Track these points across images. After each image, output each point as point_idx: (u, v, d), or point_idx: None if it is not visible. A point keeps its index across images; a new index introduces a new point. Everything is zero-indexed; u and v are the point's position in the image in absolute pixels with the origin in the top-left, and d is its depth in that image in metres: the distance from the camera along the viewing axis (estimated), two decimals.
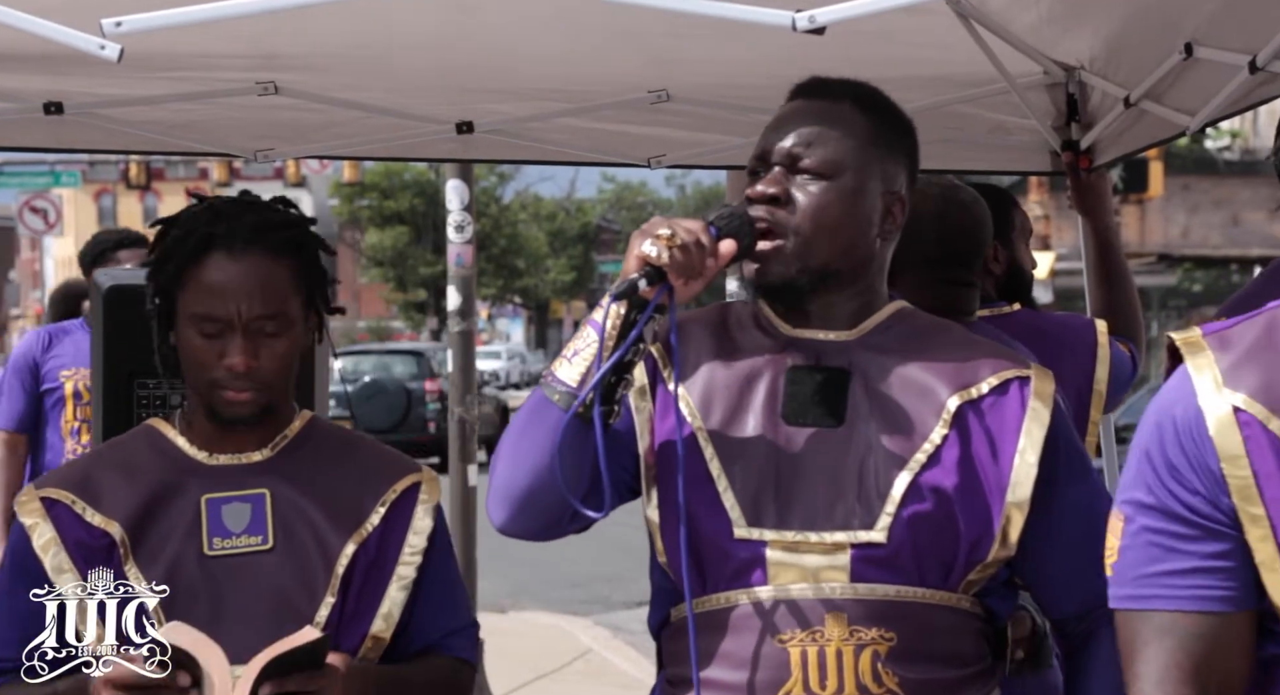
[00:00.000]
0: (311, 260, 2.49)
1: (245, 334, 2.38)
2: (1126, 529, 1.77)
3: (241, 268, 2.39)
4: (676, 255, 2.14)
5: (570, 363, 2.20)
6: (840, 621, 2.18)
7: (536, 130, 4.23)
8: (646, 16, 2.58)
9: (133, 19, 2.13)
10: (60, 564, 2.38)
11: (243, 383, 2.40)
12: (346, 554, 2.43)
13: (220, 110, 3.96)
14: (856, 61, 3.57)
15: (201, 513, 2.42)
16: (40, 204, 29.44)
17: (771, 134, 2.31)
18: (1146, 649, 1.74)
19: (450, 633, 2.56)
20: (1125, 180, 23.13)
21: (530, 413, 2.22)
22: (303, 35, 3.35)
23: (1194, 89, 3.60)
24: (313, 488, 2.47)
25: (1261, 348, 1.72)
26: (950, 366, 2.29)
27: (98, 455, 2.57)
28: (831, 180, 2.27)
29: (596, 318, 2.20)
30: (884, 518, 2.20)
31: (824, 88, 2.36)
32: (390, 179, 48.94)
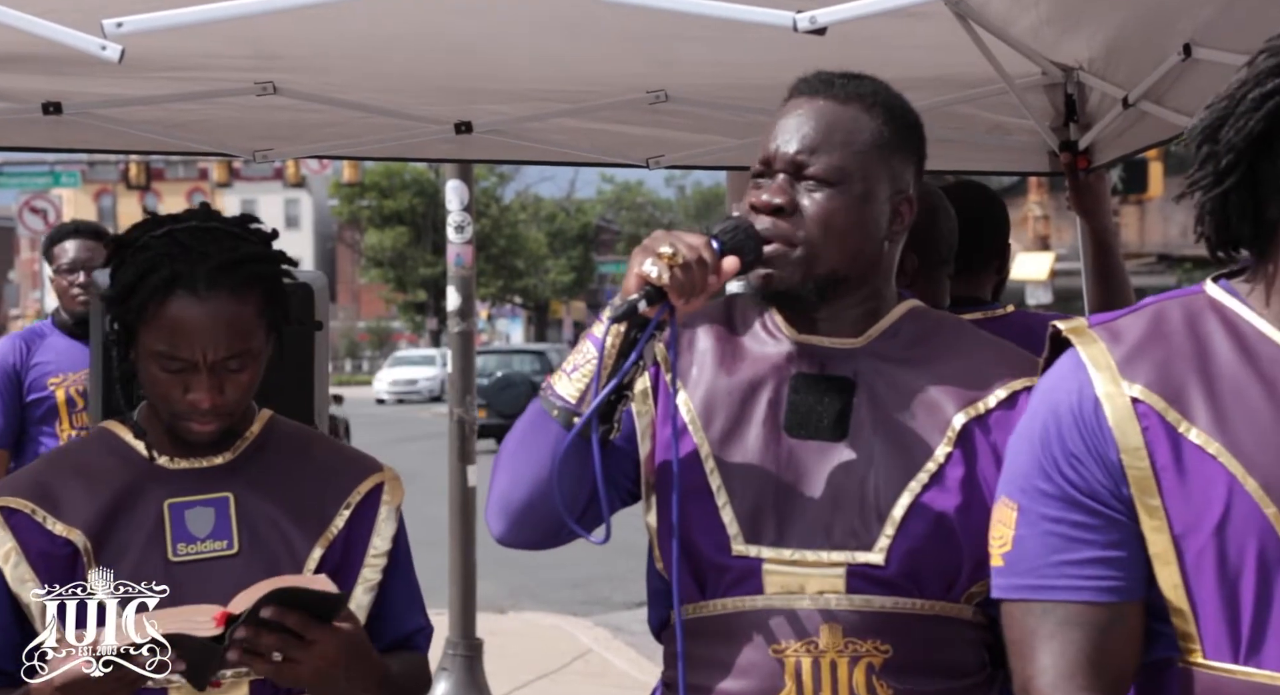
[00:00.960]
0: (275, 289, 2.43)
1: (210, 373, 2.34)
2: (1021, 518, 1.75)
3: (206, 310, 2.32)
4: (678, 275, 2.10)
5: (570, 378, 2.18)
6: (835, 633, 2.17)
7: (536, 130, 4.23)
8: (646, 17, 2.58)
9: (133, 19, 2.13)
10: (22, 574, 2.34)
11: (207, 417, 2.37)
12: (314, 558, 2.41)
13: (220, 110, 3.96)
14: (856, 62, 3.56)
15: (165, 518, 2.38)
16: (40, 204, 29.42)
17: (775, 137, 2.24)
18: (1049, 642, 1.72)
19: (414, 631, 2.55)
20: (1125, 180, 23.13)
21: (529, 426, 2.20)
22: (302, 36, 3.35)
23: (1193, 90, 3.60)
24: (276, 490, 2.44)
25: (1152, 340, 1.72)
26: (959, 376, 2.25)
27: (52, 461, 2.49)
28: (838, 187, 2.21)
29: (596, 333, 2.16)
30: (883, 539, 2.17)
31: (829, 86, 2.26)
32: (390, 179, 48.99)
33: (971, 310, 3.61)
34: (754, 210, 2.22)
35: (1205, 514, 1.66)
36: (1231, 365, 1.70)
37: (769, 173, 2.23)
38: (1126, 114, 3.86)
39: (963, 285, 3.67)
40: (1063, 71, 3.96)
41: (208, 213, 2.46)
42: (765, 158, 2.24)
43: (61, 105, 3.80)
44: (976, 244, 3.68)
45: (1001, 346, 2.35)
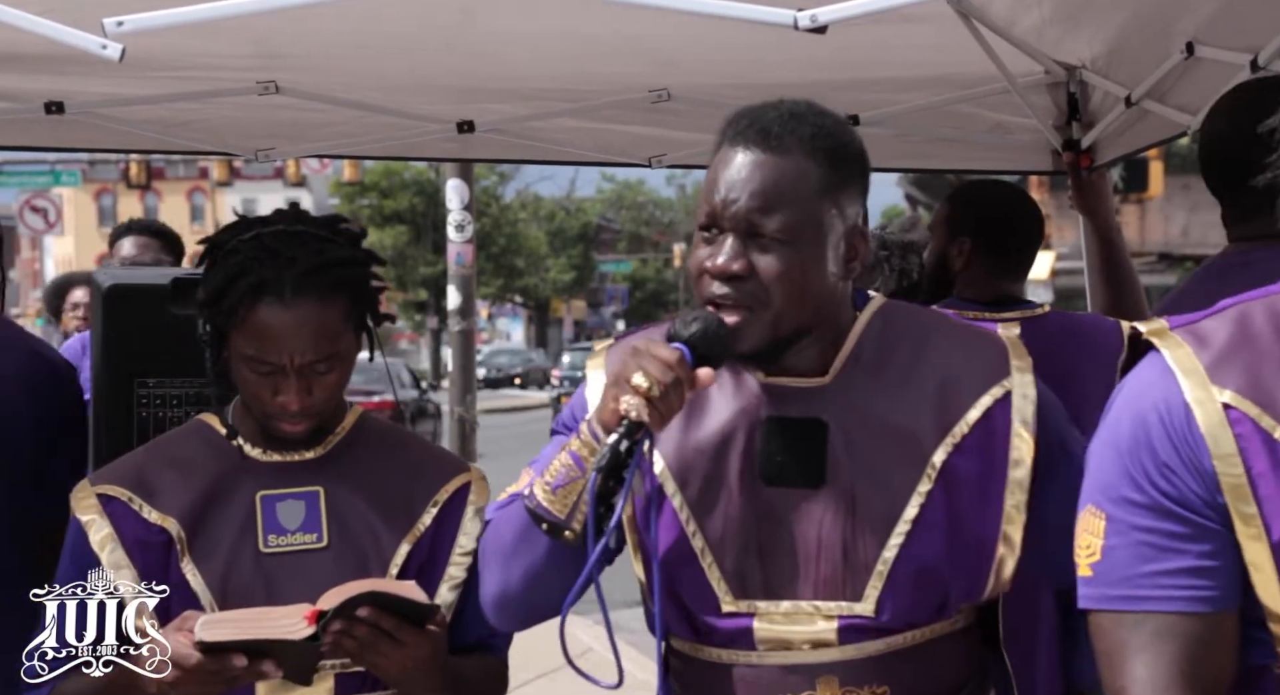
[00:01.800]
0: (363, 291, 2.46)
1: (298, 376, 2.38)
2: (1110, 528, 1.72)
3: (293, 316, 2.35)
4: (657, 407, 2.06)
5: (554, 494, 2.16)
6: (831, 685, 2.16)
7: (537, 130, 4.23)
8: (648, 16, 2.58)
9: (134, 19, 2.12)
10: (118, 560, 2.39)
11: (297, 418, 2.41)
12: (401, 553, 2.44)
13: (220, 109, 3.96)
14: (857, 61, 3.59)
15: (256, 510, 2.43)
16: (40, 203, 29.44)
17: (720, 192, 2.14)
18: (1142, 653, 1.69)
19: (492, 634, 2.56)
20: (1125, 180, 23.13)
21: (519, 537, 2.20)
22: (303, 35, 3.35)
23: (1195, 88, 3.60)
24: (365, 486, 2.47)
25: (1239, 343, 1.69)
26: (931, 396, 2.19)
27: (150, 451, 2.55)
28: (794, 244, 2.13)
29: (576, 450, 2.14)
30: (871, 590, 2.16)
31: (767, 134, 2.15)
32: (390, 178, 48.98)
33: (1011, 309, 3.62)
34: (706, 274, 2.15)
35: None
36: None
37: (717, 226, 2.15)
38: (1129, 113, 3.86)
39: (1008, 284, 3.68)
40: (1065, 70, 3.96)
41: (296, 215, 2.49)
42: (712, 212, 2.15)
43: (64, 104, 3.80)
44: (1015, 243, 3.69)
45: (969, 342, 2.28)
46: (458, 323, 8.83)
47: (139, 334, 3.58)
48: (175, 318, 3.59)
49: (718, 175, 2.16)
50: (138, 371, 3.58)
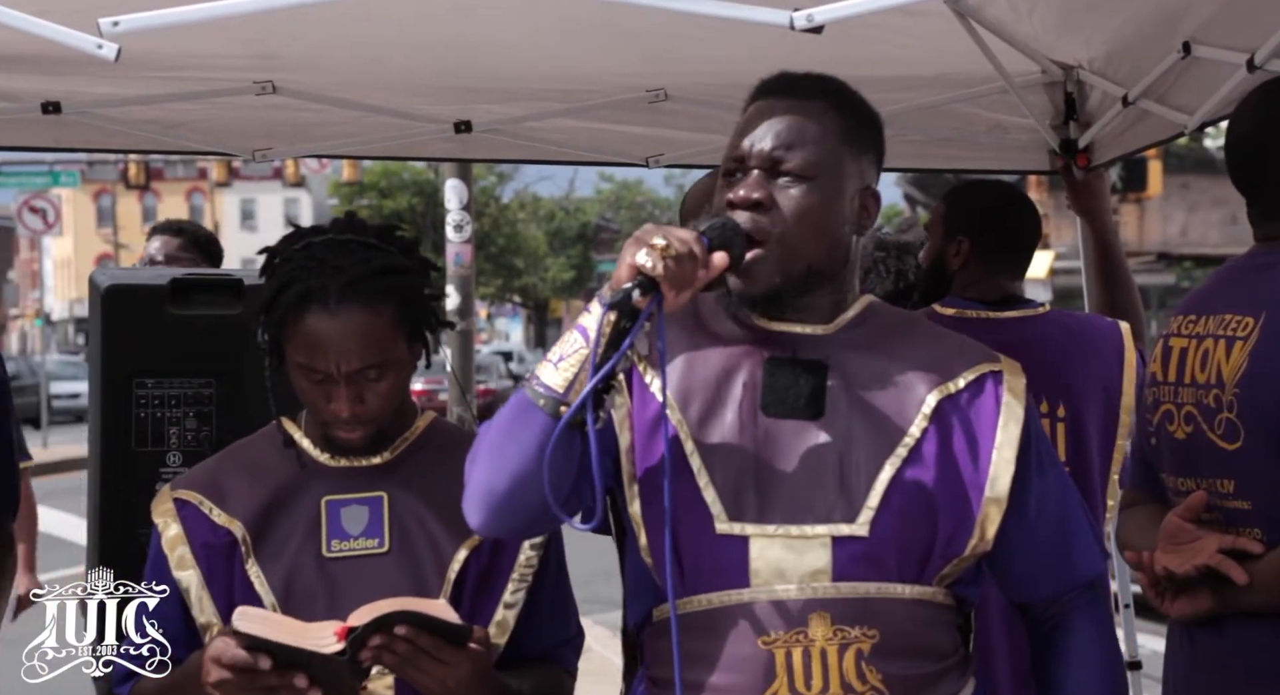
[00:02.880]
0: (413, 298, 2.47)
1: (348, 383, 2.40)
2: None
3: (338, 323, 2.38)
4: (670, 266, 2.11)
5: (556, 368, 2.16)
6: (824, 621, 2.18)
7: (535, 130, 4.23)
8: (645, 16, 2.58)
9: (130, 19, 2.12)
10: (183, 559, 2.44)
11: (351, 425, 2.43)
12: (459, 560, 2.45)
13: (218, 110, 3.96)
14: (854, 61, 3.57)
15: (321, 514, 2.46)
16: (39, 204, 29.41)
17: (747, 135, 2.28)
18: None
19: (560, 643, 2.57)
20: (1124, 179, 23.15)
21: (514, 416, 2.18)
22: (300, 35, 3.35)
23: (1192, 88, 3.61)
24: (430, 492, 2.48)
25: None
26: (926, 361, 2.31)
27: (227, 456, 2.60)
28: (812, 182, 2.26)
29: (585, 323, 2.17)
30: (866, 511, 2.20)
31: (795, 85, 2.32)
32: (389, 179, 48.96)
33: (1014, 308, 3.62)
34: (731, 206, 2.24)
35: None
36: None
37: (742, 169, 2.27)
38: (1127, 112, 3.86)
39: (1010, 283, 3.68)
40: (1062, 70, 3.96)
41: (349, 224, 2.51)
42: (738, 155, 2.27)
43: (60, 105, 3.80)
44: (1013, 242, 3.69)
45: (957, 338, 2.41)
46: (457, 323, 8.83)
47: (138, 334, 3.59)
48: (175, 318, 3.59)
49: (745, 124, 2.30)
50: (137, 372, 3.58)
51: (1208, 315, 2.76)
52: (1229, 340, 2.67)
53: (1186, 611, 2.67)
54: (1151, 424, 2.83)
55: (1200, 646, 2.71)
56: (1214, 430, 2.66)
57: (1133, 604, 4.39)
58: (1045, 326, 3.58)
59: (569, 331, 2.19)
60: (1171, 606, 2.69)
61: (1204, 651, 2.70)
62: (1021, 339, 3.48)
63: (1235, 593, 2.57)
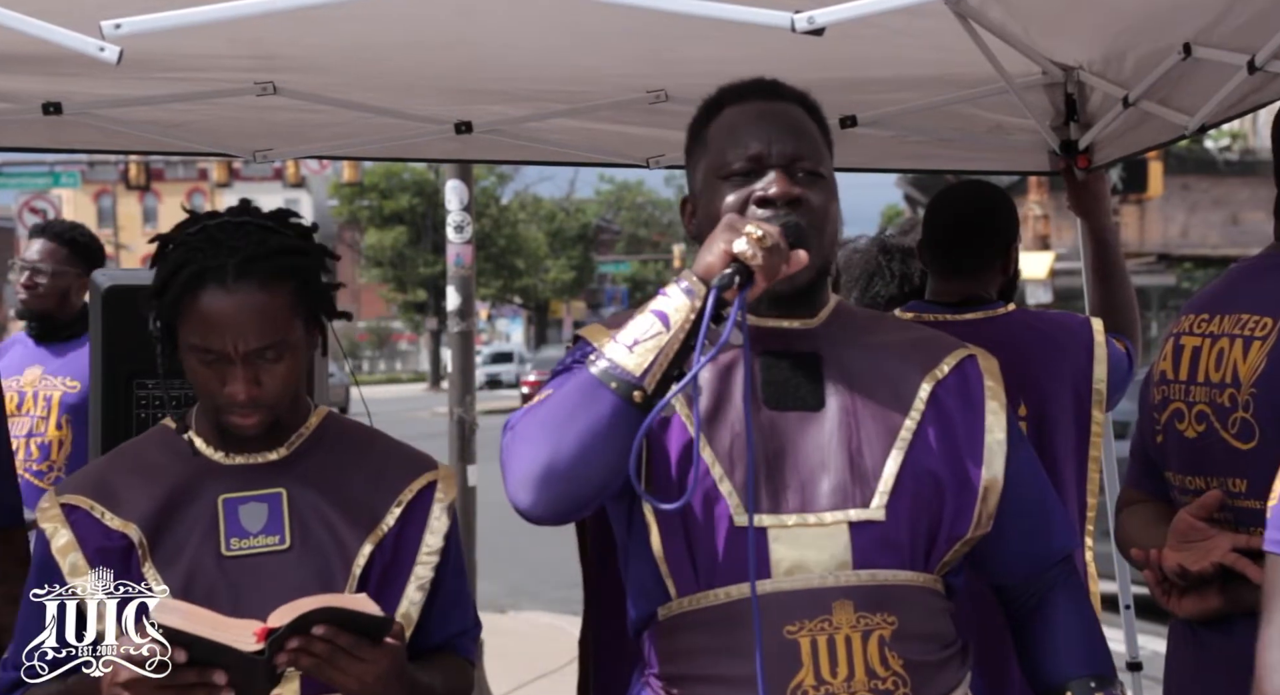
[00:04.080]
0: (310, 280, 2.45)
1: (244, 364, 2.37)
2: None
3: (235, 301, 2.35)
4: (766, 257, 2.13)
5: (631, 351, 2.12)
6: (847, 608, 2.19)
7: (536, 130, 4.23)
8: (645, 17, 2.58)
9: (132, 21, 2.12)
10: (77, 566, 2.38)
11: (247, 409, 2.40)
12: (364, 554, 2.43)
13: (219, 110, 3.96)
14: (855, 61, 3.59)
15: (219, 513, 2.42)
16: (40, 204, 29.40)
17: (758, 136, 2.30)
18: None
19: (460, 633, 2.57)
20: (1125, 180, 23.13)
21: (580, 396, 2.13)
22: (301, 36, 3.35)
23: (1193, 89, 3.60)
24: (329, 487, 2.46)
25: None
26: (908, 348, 2.36)
27: (114, 458, 2.55)
28: (825, 181, 2.31)
29: (664, 308, 2.13)
30: (880, 496, 2.22)
31: (778, 90, 2.38)
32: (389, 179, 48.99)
33: (974, 309, 3.62)
34: (765, 204, 2.26)
35: None
36: None
37: (758, 170, 2.28)
38: (1128, 114, 3.86)
39: (966, 284, 3.68)
40: (1063, 71, 3.96)
41: (244, 208, 2.49)
42: (754, 154, 2.29)
43: (61, 105, 3.80)
44: (980, 243, 3.69)
45: (924, 329, 2.48)
46: (457, 324, 8.81)
47: (139, 335, 3.59)
48: None
49: (745, 125, 2.32)
50: (137, 372, 3.59)
51: (1223, 314, 2.75)
52: (1246, 340, 2.66)
53: (1194, 610, 2.67)
54: (1159, 422, 2.83)
55: (1207, 646, 2.71)
56: (1228, 429, 2.66)
57: (1133, 605, 4.39)
58: (1006, 326, 3.58)
59: (642, 313, 2.15)
60: (1179, 605, 2.69)
61: (1211, 651, 2.70)
62: (978, 340, 3.50)
63: (1246, 591, 2.57)
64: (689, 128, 2.46)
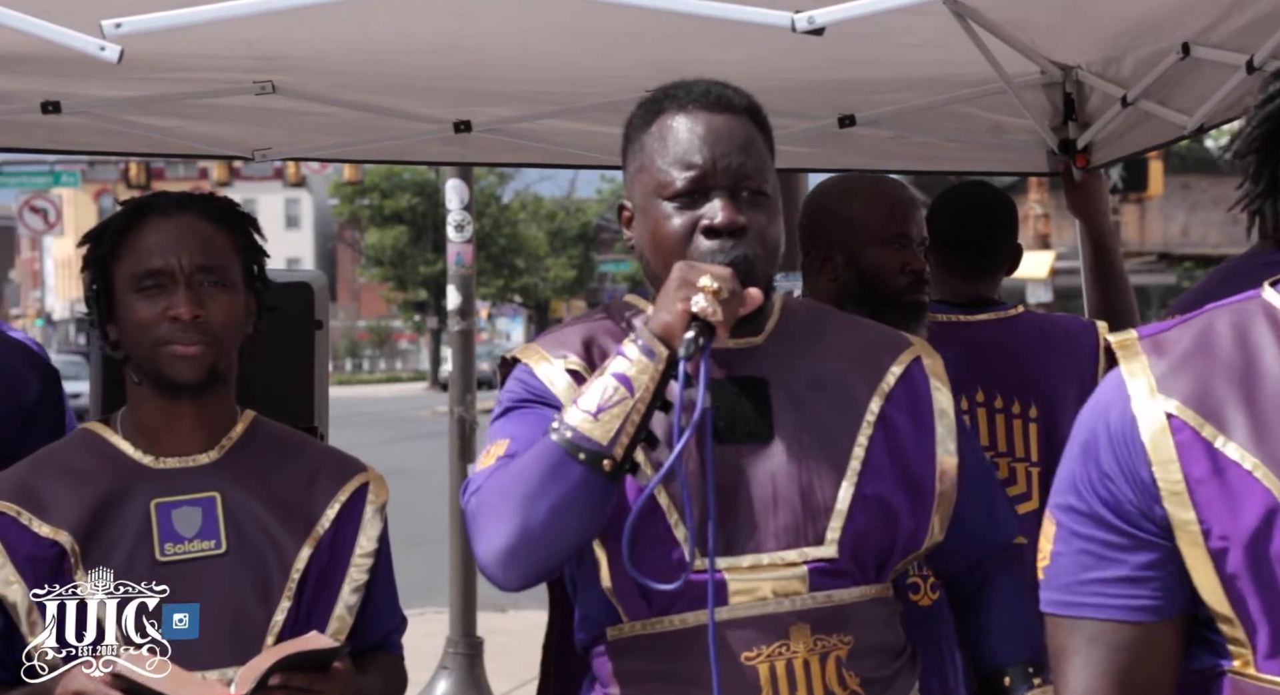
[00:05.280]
0: (247, 235, 2.48)
1: (189, 285, 2.37)
2: (1059, 533, 1.75)
3: (177, 224, 2.40)
4: (725, 309, 2.08)
5: (595, 419, 2.07)
6: (803, 632, 2.18)
7: (534, 131, 4.23)
8: (645, 18, 2.58)
9: (132, 20, 2.13)
10: (7, 577, 2.32)
11: (191, 334, 2.36)
12: (302, 558, 2.41)
13: (218, 110, 3.96)
14: (854, 62, 3.59)
15: (152, 518, 2.37)
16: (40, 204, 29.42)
17: (697, 151, 2.20)
18: (1075, 657, 1.73)
19: (391, 631, 2.57)
20: (1125, 179, 23.14)
21: (547, 469, 2.08)
22: (300, 36, 3.35)
23: (1192, 89, 3.61)
24: (262, 489, 2.43)
25: (1194, 354, 1.70)
26: (854, 356, 2.31)
27: (37, 462, 2.45)
28: (770, 199, 2.23)
29: (625, 372, 2.09)
30: (832, 532, 2.20)
31: (726, 99, 2.25)
32: (390, 179, 48.96)
33: (984, 310, 3.62)
34: (711, 234, 2.18)
35: (1242, 528, 1.63)
36: (1278, 376, 1.67)
37: (700, 191, 2.20)
38: (1127, 114, 3.86)
39: (976, 285, 3.68)
40: (1061, 70, 3.96)
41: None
42: (699, 175, 2.19)
43: (60, 104, 3.80)
44: (988, 244, 3.69)
45: (866, 324, 2.42)
46: (457, 323, 8.81)
47: None
48: None
49: (688, 138, 2.21)
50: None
51: None
52: None
53: None
54: None
55: None
56: None
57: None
58: (1016, 328, 3.59)
59: (601, 376, 2.11)
60: None
61: None
62: (992, 340, 3.50)
63: None
64: (625, 125, 2.36)
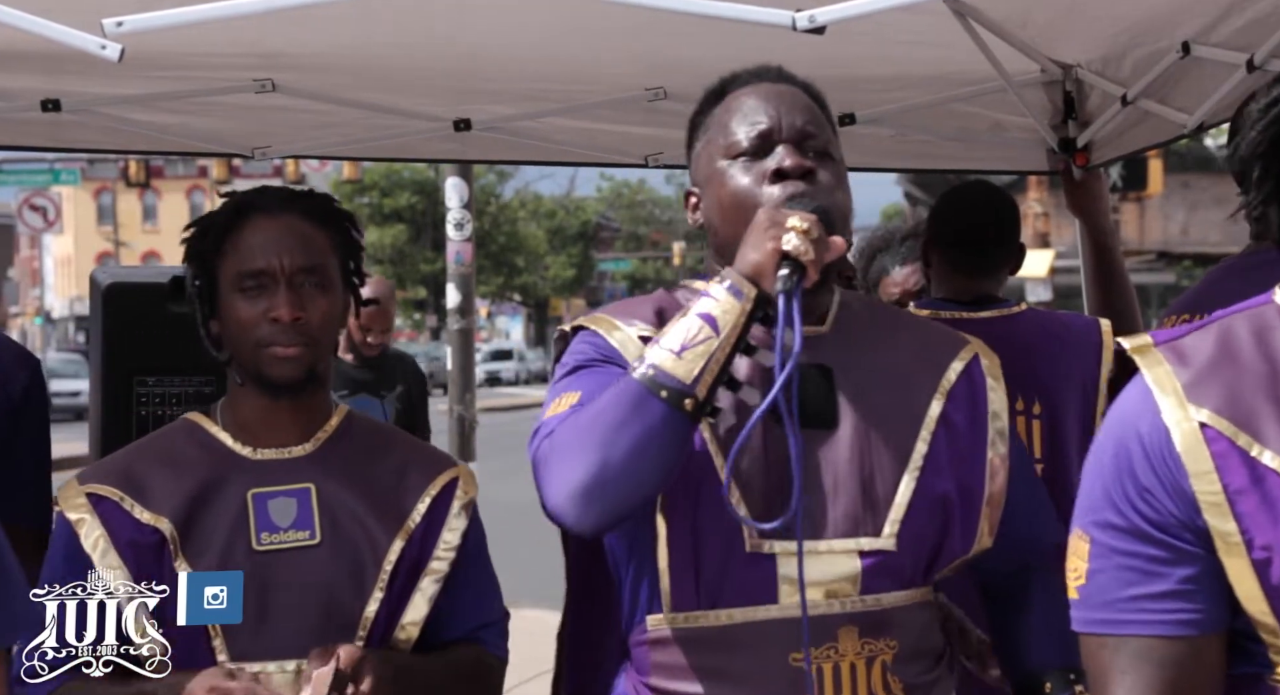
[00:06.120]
0: (345, 233, 2.51)
1: (289, 287, 2.39)
2: (1094, 551, 1.72)
3: (280, 225, 2.42)
4: (816, 249, 2.06)
5: (679, 356, 2.04)
6: (851, 635, 2.16)
7: (534, 129, 4.23)
8: (645, 16, 2.58)
9: (134, 19, 2.13)
10: (110, 561, 2.36)
11: (290, 336, 2.39)
12: (395, 550, 2.44)
13: (218, 108, 3.96)
14: (854, 60, 3.59)
15: (248, 508, 2.42)
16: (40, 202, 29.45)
17: (766, 113, 2.24)
18: (1124, 677, 1.70)
19: (482, 626, 2.57)
20: (1125, 178, 23.14)
21: (629, 406, 2.03)
22: (300, 34, 3.35)
23: (1192, 88, 3.61)
24: (356, 482, 2.47)
25: (1219, 361, 1.69)
26: (916, 351, 2.29)
27: (139, 450, 2.52)
28: (836, 163, 2.23)
29: (710, 311, 2.06)
30: (891, 524, 2.17)
31: (784, 74, 2.31)
32: (389, 177, 49.01)
33: (988, 308, 3.63)
34: (778, 177, 2.18)
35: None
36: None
37: (766, 148, 2.21)
38: (1127, 112, 3.86)
39: (981, 283, 3.69)
40: (1061, 69, 3.96)
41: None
42: (764, 132, 2.22)
43: (60, 102, 3.80)
44: (991, 243, 3.70)
45: (925, 322, 2.42)
46: (457, 321, 8.83)
47: (139, 332, 3.59)
48: (175, 316, 3.60)
49: (754, 104, 2.26)
50: (137, 370, 3.59)
51: (1196, 314, 2.76)
52: None
53: None
54: None
55: None
56: None
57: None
58: (1020, 326, 3.59)
59: (684, 317, 2.08)
60: None
61: None
62: (996, 338, 3.50)
63: None
64: (690, 118, 2.39)
